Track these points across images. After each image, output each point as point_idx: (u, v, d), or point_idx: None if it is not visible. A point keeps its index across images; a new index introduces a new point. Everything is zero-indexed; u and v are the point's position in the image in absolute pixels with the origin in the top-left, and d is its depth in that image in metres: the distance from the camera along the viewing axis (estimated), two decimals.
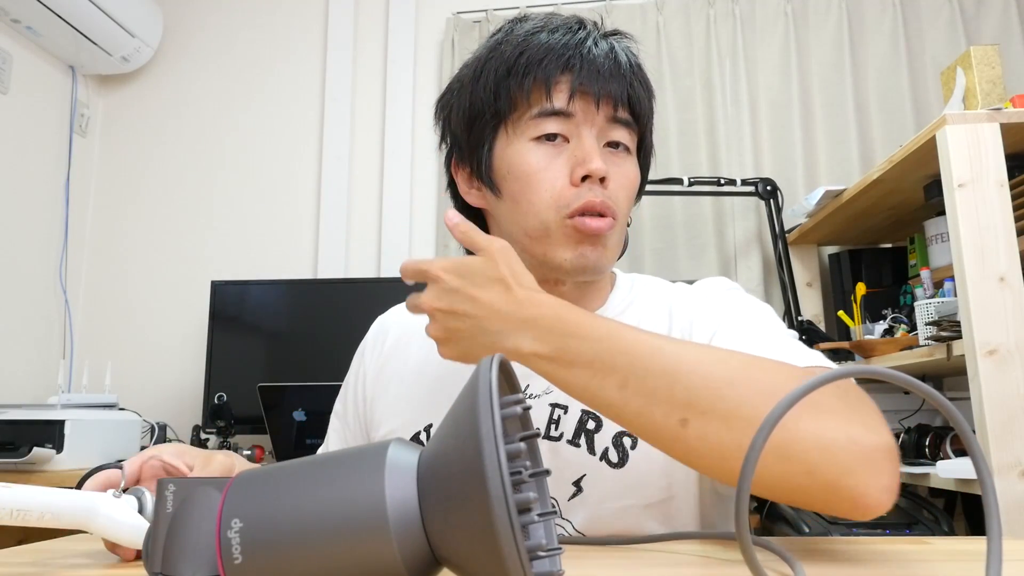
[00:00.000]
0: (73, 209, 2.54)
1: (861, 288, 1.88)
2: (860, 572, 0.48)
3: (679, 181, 2.09)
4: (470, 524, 0.34)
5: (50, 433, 1.76)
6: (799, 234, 2.13)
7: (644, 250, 2.29)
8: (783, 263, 2.09)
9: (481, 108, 0.73)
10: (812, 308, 2.18)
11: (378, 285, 2.30)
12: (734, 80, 2.35)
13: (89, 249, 2.62)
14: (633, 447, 0.69)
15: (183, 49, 2.72)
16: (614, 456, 0.69)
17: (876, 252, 2.11)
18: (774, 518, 1.66)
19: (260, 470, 0.42)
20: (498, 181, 0.73)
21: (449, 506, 0.36)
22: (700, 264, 2.27)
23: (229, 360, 2.21)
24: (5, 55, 2.28)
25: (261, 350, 2.24)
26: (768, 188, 2.11)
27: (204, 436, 2.13)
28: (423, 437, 0.75)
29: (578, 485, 0.69)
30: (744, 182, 2.12)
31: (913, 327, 1.66)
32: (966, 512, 1.83)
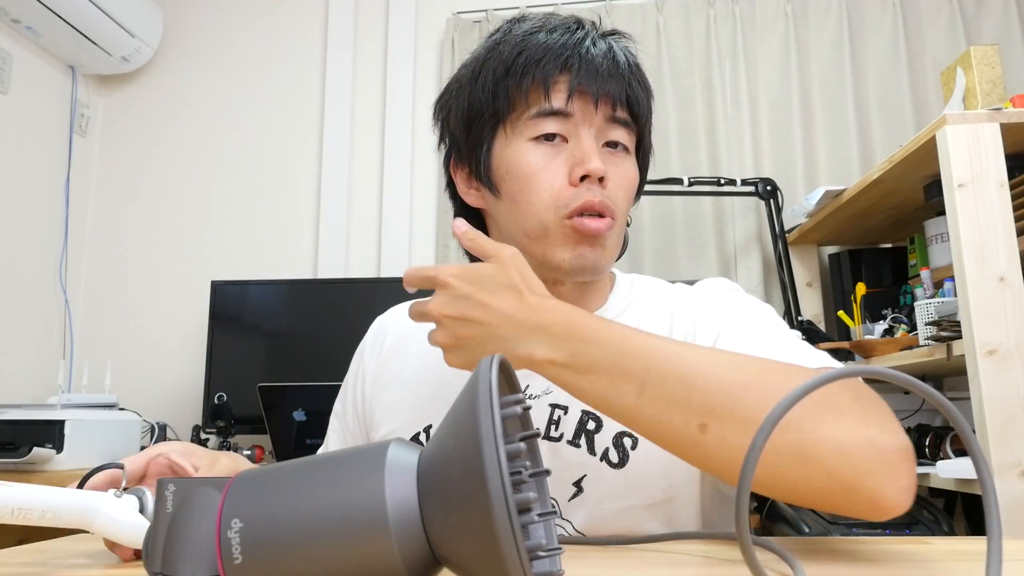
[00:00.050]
0: (73, 209, 2.54)
1: (861, 288, 1.88)
2: (860, 572, 0.48)
3: (679, 181, 2.09)
4: (470, 524, 0.34)
5: (50, 433, 1.76)
6: (799, 234, 2.13)
7: (644, 250, 2.29)
8: (783, 263, 2.09)
9: (480, 108, 0.73)
10: (812, 308, 2.18)
11: (378, 285, 2.30)
12: (734, 80, 2.35)
13: (89, 249, 2.62)
14: (633, 447, 0.69)
15: (183, 49, 2.72)
16: (614, 456, 0.69)
17: (876, 252, 2.11)
18: (774, 518, 1.66)
19: (260, 470, 0.42)
20: (497, 181, 0.73)
21: (449, 506, 0.36)
22: (700, 264, 2.27)
23: (229, 360, 2.21)
24: (5, 55, 2.28)
25: (261, 350, 2.24)
26: (768, 188, 2.11)
27: (204, 436, 2.13)
28: (423, 438, 0.75)
29: (578, 485, 0.69)
30: (744, 182, 2.12)
31: (913, 327, 1.66)
32: (966, 512, 1.83)
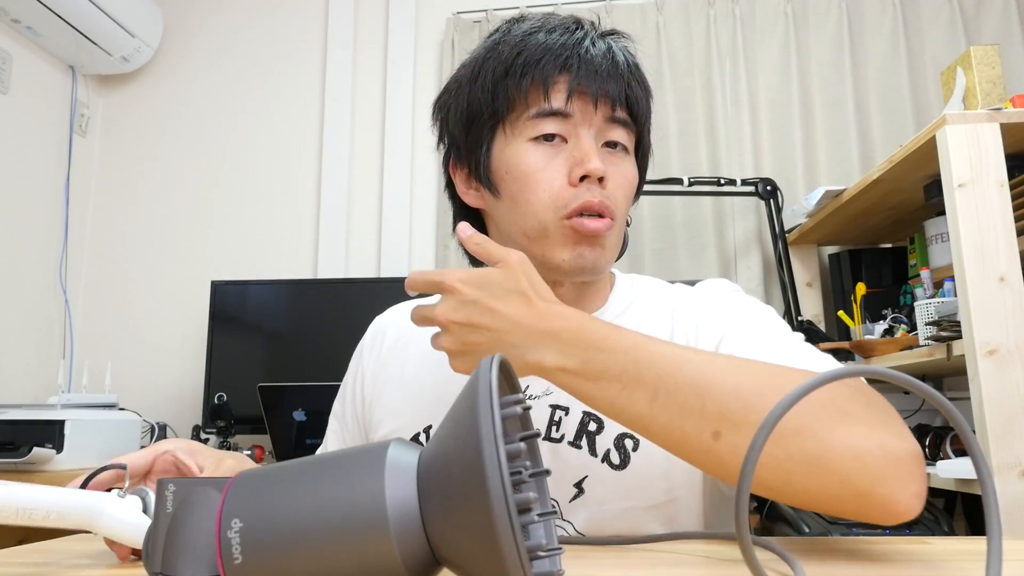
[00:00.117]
0: (73, 209, 2.54)
1: (861, 288, 1.88)
2: (860, 572, 0.48)
3: (679, 181, 2.09)
4: (470, 524, 0.34)
5: (50, 433, 1.76)
6: (799, 234, 2.13)
7: (644, 250, 2.29)
8: (783, 263, 2.09)
9: (479, 109, 0.73)
10: (812, 308, 2.18)
11: (378, 285, 2.30)
12: (734, 80, 2.35)
13: (89, 249, 2.62)
14: (635, 449, 0.68)
15: (183, 49, 2.72)
16: (615, 458, 0.69)
17: (876, 252, 2.11)
18: (774, 518, 1.66)
19: (260, 470, 0.42)
20: (496, 181, 0.73)
21: (449, 506, 0.36)
22: (700, 264, 2.27)
23: (229, 360, 2.21)
24: (5, 55, 2.28)
25: (261, 350, 2.24)
26: (768, 188, 2.11)
27: (204, 436, 2.13)
28: (423, 438, 0.75)
29: (579, 487, 0.69)
30: (744, 182, 2.12)
31: (913, 327, 1.66)
32: (966, 512, 1.83)
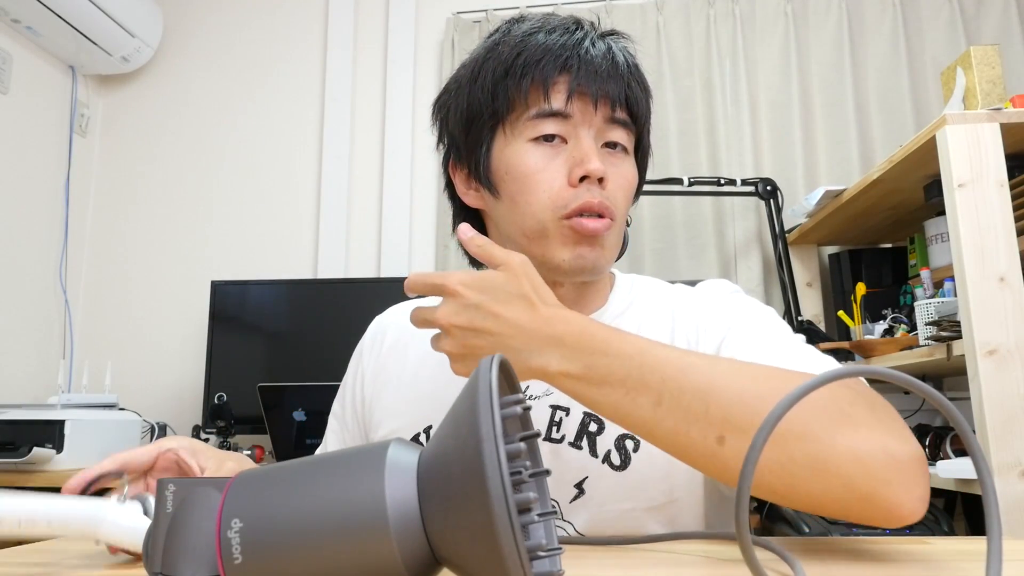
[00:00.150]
0: (73, 209, 2.54)
1: (861, 288, 1.88)
2: (860, 572, 0.48)
3: (679, 181, 2.09)
4: (470, 524, 0.34)
5: (50, 433, 1.76)
6: (799, 234, 2.13)
7: (644, 250, 2.29)
8: (783, 263, 2.09)
9: (479, 109, 0.73)
10: (812, 308, 2.18)
11: (378, 285, 2.30)
12: (734, 80, 2.35)
13: (89, 249, 2.62)
14: (635, 450, 0.68)
15: (183, 49, 2.72)
16: (616, 459, 0.69)
17: (876, 252, 2.11)
18: (774, 518, 1.66)
19: (260, 470, 0.42)
20: (496, 182, 0.73)
21: (449, 506, 0.36)
22: (700, 264, 2.27)
23: (229, 360, 2.21)
24: (5, 55, 2.28)
25: (261, 350, 2.24)
26: (768, 188, 2.11)
27: (204, 436, 2.13)
28: (423, 439, 0.75)
29: (580, 487, 0.69)
30: (744, 182, 2.12)
31: (913, 327, 1.66)
32: (966, 512, 1.83)
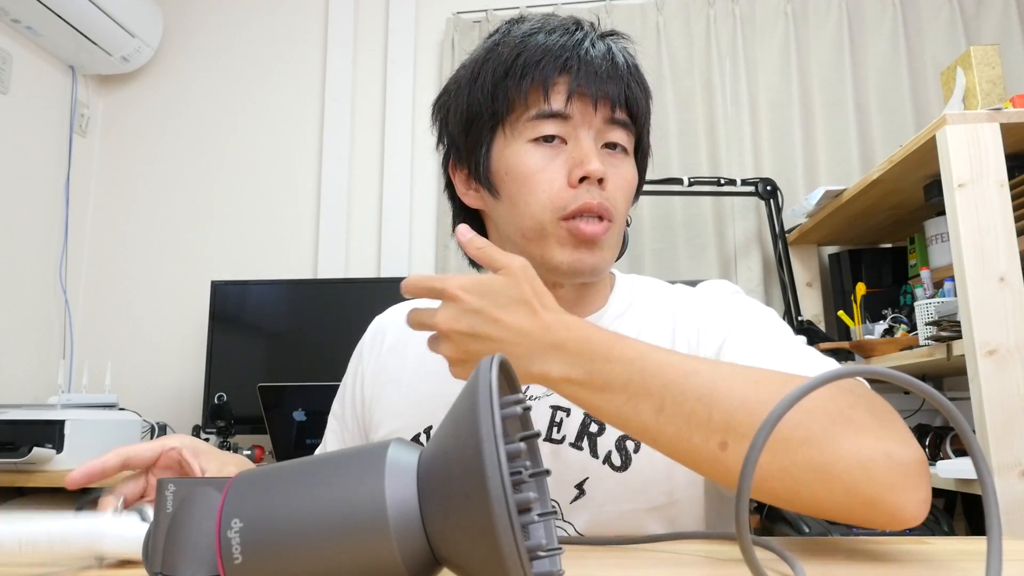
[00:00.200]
0: (73, 209, 2.54)
1: (861, 288, 1.88)
2: (860, 572, 0.48)
3: (679, 181, 2.09)
4: (470, 524, 0.34)
5: (50, 433, 1.76)
6: (799, 234, 2.13)
7: (644, 250, 2.29)
8: (783, 263, 2.09)
9: (479, 110, 0.73)
10: (812, 308, 2.18)
11: (378, 285, 2.30)
12: (734, 80, 2.35)
13: (89, 249, 2.62)
14: (636, 451, 0.68)
15: (183, 49, 2.72)
16: (617, 459, 0.69)
17: (876, 252, 2.11)
18: (774, 518, 1.66)
19: (260, 470, 0.42)
20: (496, 182, 0.73)
21: (449, 506, 0.36)
22: (700, 264, 2.27)
23: (229, 360, 2.21)
24: (5, 55, 2.28)
25: (261, 350, 2.24)
26: (768, 188, 2.11)
27: (204, 436, 2.13)
28: (423, 439, 0.75)
29: (580, 488, 0.69)
30: (744, 182, 2.12)
31: (913, 327, 1.66)
32: (966, 512, 1.83)
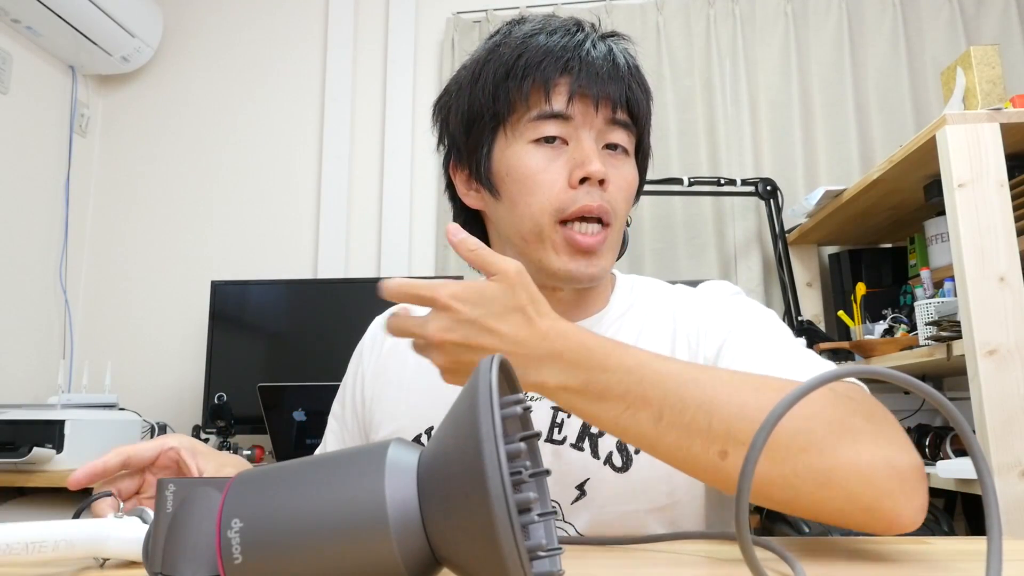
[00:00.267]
0: (73, 209, 2.54)
1: (861, 288, 1.88)
2: (860, 572, 0.48)
3: (679, 181, 2.09)
4: (470, 524, 0.34)
5: (50, 433, 1.76)
6: (799, 234, 2.13)
7: (644, 250, 2.29)
8: (783, 263, 2.09)
9: (480, 110, 0.73)
10: (812, 308, 2.18)
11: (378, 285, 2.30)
12: (734, 80, 2.35)
13: (89, 249, 2.62)
14: (637, 452, 0.68)
15: (183, 49, 2.72)
16: (618, 460, 0.68)
17: (876, 252, 2.11)
18: (774, 519, 1.66)
19: (260, 470, 0.42)
20: (497, 183, 0.73)
21: (449, 506, 0.36)
22: (700, 264, 2.27)
23: (229, 360, 2.21)
24: (5, 55, 2.28)
25: (261, 350, 2.24)
26: (768, 188, 2.11)
27: (204, 436, 2.13)
28: (424, 439, 0.75)
29: (581, 489, 0.69)
30: (744, 182, 2.12)
31: (913, 327, 1.66)
32: (966, 512, 1.83)
